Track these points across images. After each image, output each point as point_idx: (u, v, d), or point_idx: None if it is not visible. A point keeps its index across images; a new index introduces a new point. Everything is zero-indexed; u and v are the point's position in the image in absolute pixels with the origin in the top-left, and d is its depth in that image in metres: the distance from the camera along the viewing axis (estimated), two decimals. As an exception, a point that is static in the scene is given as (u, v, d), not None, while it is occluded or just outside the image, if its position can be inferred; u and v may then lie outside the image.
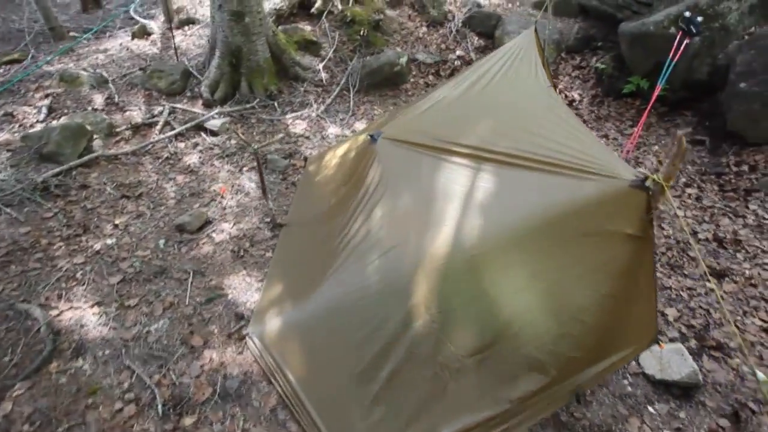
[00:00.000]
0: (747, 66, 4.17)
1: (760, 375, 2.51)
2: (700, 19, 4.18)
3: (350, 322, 2.44)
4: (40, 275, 2.99)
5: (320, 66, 5.47)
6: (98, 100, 5.05)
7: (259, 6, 4.99)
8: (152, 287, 2.99)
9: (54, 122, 4.64)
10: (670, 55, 4.22)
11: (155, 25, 6.96)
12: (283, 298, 2.84)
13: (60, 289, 2.91)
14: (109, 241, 3.30)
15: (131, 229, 3.43)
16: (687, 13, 4.52)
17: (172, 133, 4.45)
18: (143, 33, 6.76)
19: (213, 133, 4.56)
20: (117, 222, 3.47)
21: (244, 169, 4.12)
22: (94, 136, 4.30)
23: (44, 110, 4.81)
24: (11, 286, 2.89)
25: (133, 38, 6.70)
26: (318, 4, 5.90)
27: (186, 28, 6.84)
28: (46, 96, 5.07)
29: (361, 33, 5.65)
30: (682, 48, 4.17)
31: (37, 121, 4.72)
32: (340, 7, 5.85)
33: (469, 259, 2.25)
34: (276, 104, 5.05)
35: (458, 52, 5.77)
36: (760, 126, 4.18)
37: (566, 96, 5.24)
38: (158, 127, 4.59)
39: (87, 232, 3.36)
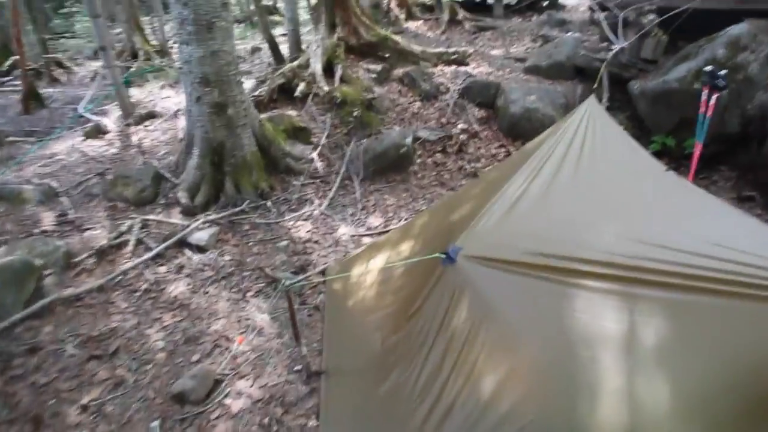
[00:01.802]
0: (790, 117, 3.90)
1: None
2: (723, 72, 3.94)
3: None
4: None
5: (314, 154, 4.81)
6: (48, 219, 4.11)
7: (243, 95, 4.34)
8: None
9: (-10, 257, 3.64)
10: (702, 110, 3.91)
11: (110, 122, 6.18)
12: None
13: None
14: (76, 437, 2.31)
15: (108, 408, 2.45)
16: (708, 68, 4.29)
17: (149, 255, 3.55)
18: (97, 132, 5.94)
19: (200, 249, 3.69)
20: (86, 400, 2.48)
21: (249, 294, 3.26)
22: (46, 272, 3.33)
23: (-24, 241, 3.81)
24: None
25: (86, 138, 5.85)
26: (301, 87, 5.35)
27: (147, 123, 6.10)
28: (-21, 221, 4.08)
29: (354, 114, 5.09)
30: (712, 102, 3.89)
31: (-33, 257, 3.70)
32: (326, 88, 5.32)
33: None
34: (270, 204, 4.28)
35: (461, 125, 5.30)
36: (818, 178, 3.84)
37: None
38: (129, 248, 3.68)
39: (40, 428, 2.34)
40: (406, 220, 4.13)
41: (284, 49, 6.85)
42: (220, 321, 3.00)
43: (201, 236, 3.77)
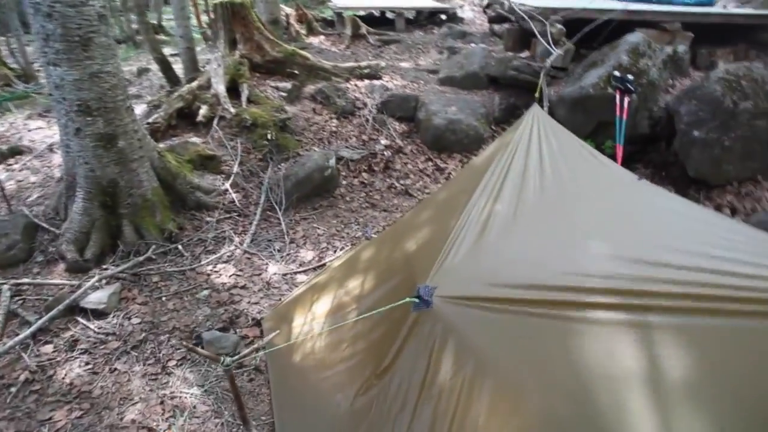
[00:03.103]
0: (694, 116, 4.16)
1: None
2: (630, 76, 4.14)
3: None
4: None
5: (227, 185, 4.25)
6: None
7: (136, 123, 3.68)
8: None
9: None
10: (617, 113, 4.06)
11: (-40, 165, 5.05)
12: None
13: None
14: None
15: None
16: (616, 73, 4.48)
17: (27, 332, 2.79)
18: (-59, 179, 4.79)
19: (98, 314, 2.99)
20: None
21: (171, 364, 2.66)
22: None
23: None
24: None
25: (-74, 188, 4.69)
26: (204, 110, 4.75)
27: (11, 161, 5.07)
28: None
29: (268, 137, 4.62)
30: (626, 105, 4.05)
31: None
32: (232, 110, 4.78)
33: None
34: (181, 247, 3.66)
35: (383, 141, 5.06)
36: (722, 169, 4.14)
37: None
38: (-3, 325, 2.88)
39: None
40: (341, 250, 3.75)
41: (178, 69, 6.15)
42: (137, 406, 2.38)
43: (98, 297, 3.07)
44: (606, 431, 1.41)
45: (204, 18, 10.60)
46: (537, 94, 2.92)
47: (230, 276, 3.43)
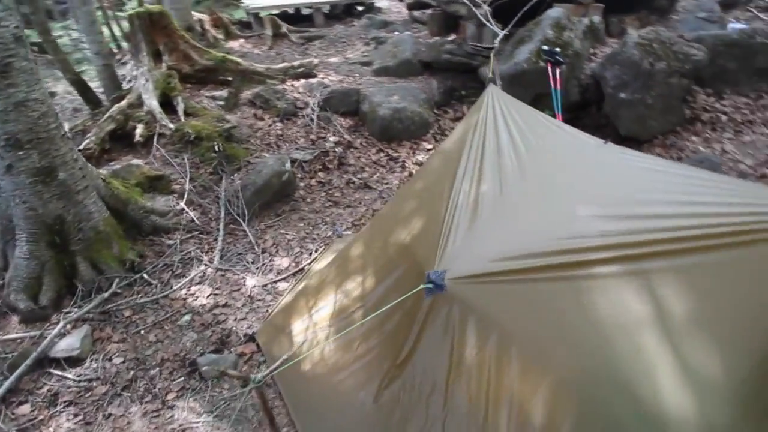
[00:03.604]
0: (619, 79, 4.53)
1: None
2: (558, 49, 4.42)
3: None
4: None
5: (182, 204, 4.05)
6: None
7: (74, 152, 3.41)
8: None
9: None
10: (552, 85, 4.33)
11: None
12: None
13: None
14: None
15: None
16: (545, 47, 4.76)
17: (-4, 395, 2.54)
18: None
19: (73, 361, 2.77)
20: None
21: (170, 397, 2.53)
22: None
23: None
24: None
25: None
26: (140, 129, 4.46)
27: None
28: None
29: (216, 148, 4.45)
30: (558, 76, 4.32)
31: None
32: (171, 126, 4.53)
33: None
34: (147, 276, 3.46)
35: (332, 139, 5.03)
36: (647, 125, 4.56)
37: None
38: (-44, 395, 2.58)
39: None
40: (316, 251, 3.73)
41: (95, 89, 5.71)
42: (146, 450, 2.26)
43: (68, 344, 2.84)
44: (628, 374, 1.55)
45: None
46: (490, 74, 3.05)
47: (208, 296, 3.30)
